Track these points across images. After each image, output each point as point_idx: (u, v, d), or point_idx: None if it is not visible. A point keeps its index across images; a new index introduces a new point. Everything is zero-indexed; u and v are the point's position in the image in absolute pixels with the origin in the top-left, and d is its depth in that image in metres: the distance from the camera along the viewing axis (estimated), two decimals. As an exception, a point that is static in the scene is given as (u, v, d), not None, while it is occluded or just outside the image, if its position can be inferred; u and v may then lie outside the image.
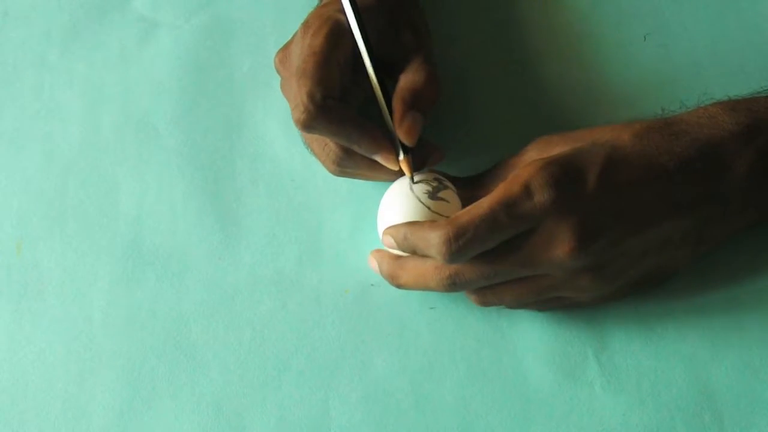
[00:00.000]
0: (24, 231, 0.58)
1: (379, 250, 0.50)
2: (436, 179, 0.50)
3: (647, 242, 0.46)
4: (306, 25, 0.51)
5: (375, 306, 0.52)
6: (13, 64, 0.64)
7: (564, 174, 0.44)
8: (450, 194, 0.49)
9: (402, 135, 0.49)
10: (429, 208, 0.48)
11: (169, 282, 0.54)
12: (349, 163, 0.51)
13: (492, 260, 0.45)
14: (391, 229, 0.48)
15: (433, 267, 0.47)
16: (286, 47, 0.52)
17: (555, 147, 0.48)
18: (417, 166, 0.50)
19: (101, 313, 0.54)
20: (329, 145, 0.50)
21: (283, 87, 0.53)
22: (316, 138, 0.51)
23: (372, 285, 0.52)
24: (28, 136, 0.61)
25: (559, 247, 0.44)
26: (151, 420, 0.51)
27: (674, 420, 0.47)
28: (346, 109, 0.48)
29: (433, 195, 0.49)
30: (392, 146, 0.49)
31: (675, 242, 0.46)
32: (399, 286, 0.49)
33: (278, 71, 0.53)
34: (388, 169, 0.50)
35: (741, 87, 0.53)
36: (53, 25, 0.65)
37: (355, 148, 0.49)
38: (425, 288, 0.48)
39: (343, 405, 0.50)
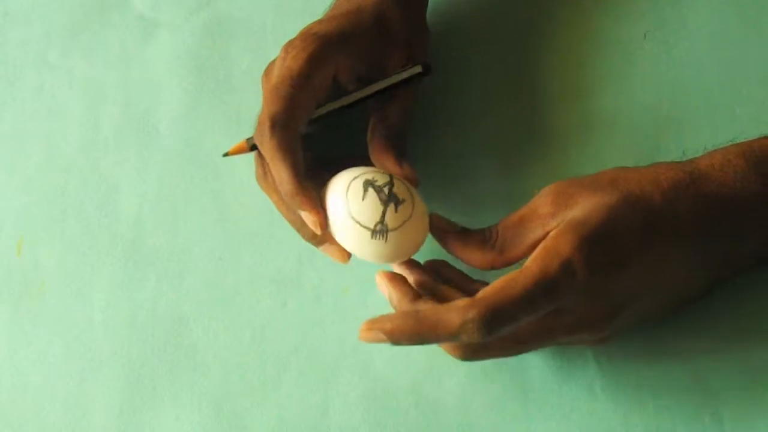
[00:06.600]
0: (24, 231, 0.58)
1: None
2: (383, 196, 0.46)
3: (664, 299, 0.46)
4: (289, 44, 0.50)
5: (375, 306, 0.52)
6: (13, 64, 0.64)
7: (605, 254, 0.42)
8: (405, 212, 0.46)
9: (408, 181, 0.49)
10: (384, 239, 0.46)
11: (169, 282, 0.55)
12: (263, 183, 0.51)
13: (518, 341, 0.44)
14: (389, 324, 0.43)
15: (452, 346, 0.45)
16: (271, 62, 0.52)
17: (575, 200, 0.44)
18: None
19: (101, 313, 0.54)
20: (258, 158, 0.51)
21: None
22: None
23: (372, 284, 0.52)
24: (28, 136, 0.61)
25: (587, 327, 0.44)
26: (151, 420, 0.51)
27: (674, 421, 0.47)
28: (297, 147, 0.47)
29: (380, 232, 0.46)
30: (316, 205, 0.47)
31: (690, 295, 0.46)
32: None
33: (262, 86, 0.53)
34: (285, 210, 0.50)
35: (741, 85, 0.53)
36: (53, 25, 0.65)
37: (284, 188, 0.47)
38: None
39: (343, 405, 0.50)
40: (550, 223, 0.44)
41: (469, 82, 0.57)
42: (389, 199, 0.46)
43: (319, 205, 0.47)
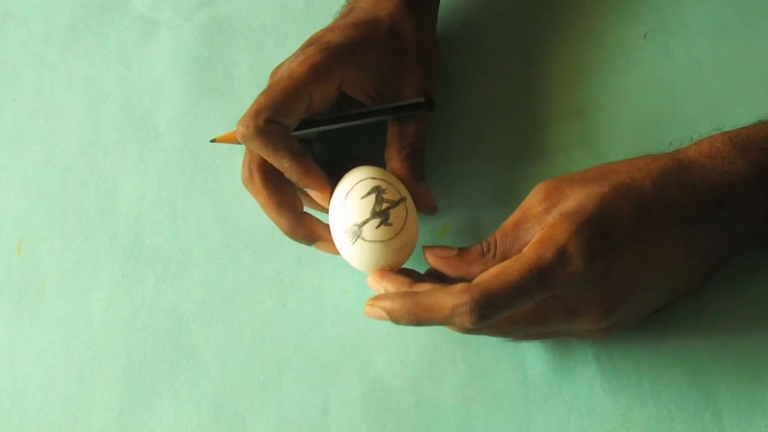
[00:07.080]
0: (24, 231, 0.58)
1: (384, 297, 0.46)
2: (377, 208, 0.47)
3: (661, 289, 0.46)
4: (303, 47, 0.51)
5: (375, 305, 0.52)
6: (13, 64, 0.64)
7: (600, 241, 0.43)
8: (383, 234, 0.47)
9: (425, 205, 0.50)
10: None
11: (169, 282, 0.55)
12: (249, 185, 0.51)
13: (514, 324, 0.44)
14: (389, 303, 0.45)
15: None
16: (283, 61, 0.52)
17: (566, 194, 0.45)
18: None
19: (101, 313, 0.54)
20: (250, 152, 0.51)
21: None
22: None
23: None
24: (28, 136, 0.61)
25: (584, 316, 0.44)
26: (151, 420, 0.51)
27: (674, 420, 0.47)
28: (285, 137, 0.48)
29: (352, 233, 0.47)
30: (326, 182, 0.49)
31: (688, 284, 0.47)
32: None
33: None
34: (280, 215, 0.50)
35: (742, 84, 0.53)
36: (53, 25, 0.65)
37: (288, 175, 0.49)
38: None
39: (343, 405, 0.50)
40: (545, 219, 0.44)
41: (471, 82, 0.57)
42: (379, 214, 0.47)
43: (324, 181, 0.49)
